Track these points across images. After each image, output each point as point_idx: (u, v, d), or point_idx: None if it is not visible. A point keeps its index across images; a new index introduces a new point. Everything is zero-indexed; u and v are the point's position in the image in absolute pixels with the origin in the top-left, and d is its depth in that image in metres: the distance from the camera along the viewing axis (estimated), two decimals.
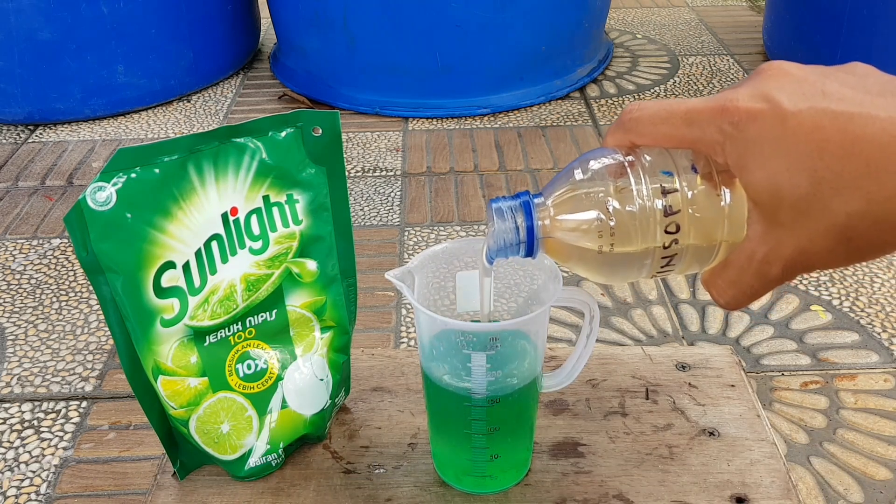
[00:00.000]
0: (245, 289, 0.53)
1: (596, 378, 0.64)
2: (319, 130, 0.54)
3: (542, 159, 1.91)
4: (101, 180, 0.48)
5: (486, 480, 0.55)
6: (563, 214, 0.44)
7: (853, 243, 0.37)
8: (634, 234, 0.43)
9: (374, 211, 1.74)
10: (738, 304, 0.43)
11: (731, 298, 0.42)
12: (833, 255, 0.38)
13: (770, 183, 0.38)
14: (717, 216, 0.43)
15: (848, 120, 0.35)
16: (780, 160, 0.37)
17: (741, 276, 0.41)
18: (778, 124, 0.37)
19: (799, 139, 0.36)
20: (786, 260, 0.39)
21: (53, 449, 1.18)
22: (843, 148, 0.35)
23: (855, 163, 0.35)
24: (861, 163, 0.35)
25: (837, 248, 0.38)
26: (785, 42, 2.22)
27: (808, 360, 1.31)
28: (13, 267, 1.60)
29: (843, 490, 1.09)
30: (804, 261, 0.39)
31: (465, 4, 2.01)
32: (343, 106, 2.17)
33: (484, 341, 0.49)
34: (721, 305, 0.43)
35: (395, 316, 1.43)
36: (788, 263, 0.39)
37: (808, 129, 0.36)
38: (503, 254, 0.46)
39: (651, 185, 0.42)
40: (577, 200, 0.44)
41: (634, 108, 0.42)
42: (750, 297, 0.42)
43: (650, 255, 0.43)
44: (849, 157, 0.35)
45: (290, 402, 0.57)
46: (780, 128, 0.37)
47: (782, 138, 0.37)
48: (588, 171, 0.44)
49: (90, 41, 2.07)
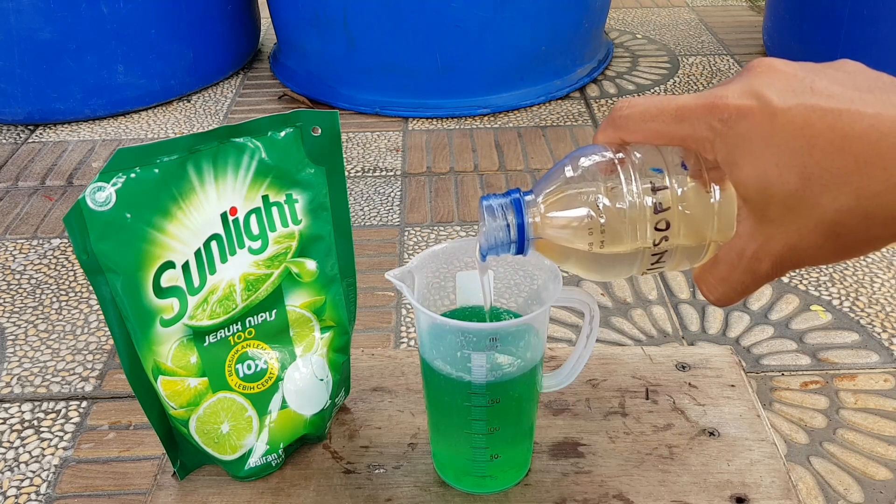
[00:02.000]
0: (244, 288, 0.53)
1: (596, 378, 0.64)
2: (319, 130, 0.54)
3: (542, 159, 1.91)
4: (101, 180, 0.48)
5: (486, 480, 0.55)
6: (554, 212, 0.44)
7: (842, 239, 0.37)
8: (624, 232, 0.43)
9: (374, 211, 1.74)
10: (729, 301, 0.43)
11: (722, 295, 0.42)
12: (822, 250, 0.38)
13: (759, 179, 0.38)
14: (706, 214, 0.43)
15: (837, 116, 0.35)
16: (770, 156, 0.37)
17: (731, 273, 0.41)
18: (767, 121, 0.37)
19: (788, 136, 0.36)
20: (775, 256, 0.39)
21: (53, 449, 1.18)
22: (832, 144, 0.35)
23: (844, 159, 0.35)
24: (850, 159, 0.35)
25: (826, 243, 0.38)
26: (785, 42, 2.22)
27: (808, 360, 1.31)
28: (13, 267, 1.60)
29: (843, 490, 1.09)
30: (794, 257, 0.39)
31: (464, 4, 2.01)
32: (343, 106, 2.17)
33: (484, 341, 0.49)
34: (712, 302, 0.43)
35: (395, 316, 1.43)
36: (778, 259, 0.39)
37: (798, 125, 0.36)
38: (494, 251, 0.46)
39: (641, 182, 0.42)
40: (567, 199, 0.44)
41: (624, 105, 0.42)
42: (740, 294, 0.42)
43: (640, 252, 0.43)
44: (838, 154, 0.35)
45: (290, 403, 0.57)
46: (770, 124, 0.37)
47: (772, 135, 0.37)
48: (578, 168, 0.44)
49: (90, 41, 2.07)
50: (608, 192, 0.42)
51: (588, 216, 0.43)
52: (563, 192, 0.44)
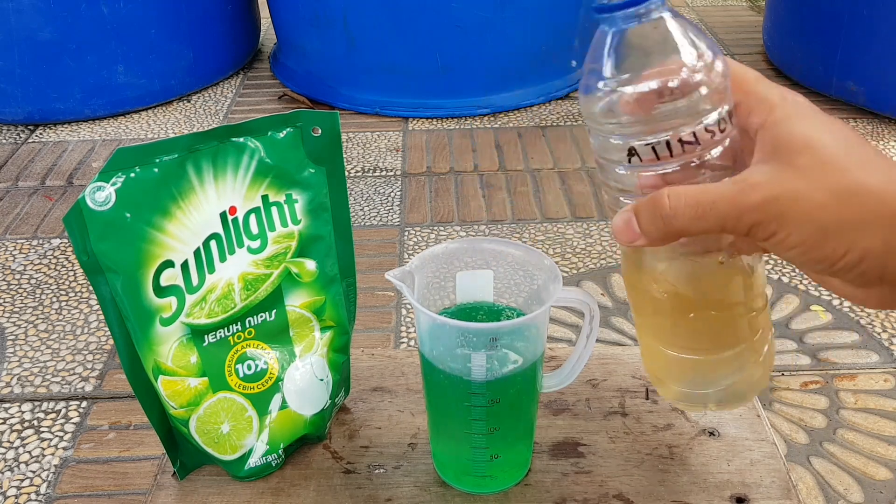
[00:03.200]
0: (243, 287, 0.53)
1: (596, 378, 0.64)
2: (319, 130, 0.54)
3: (542, 159, 1.91)
4: (101, 180, 0.48)
5: (486, 480, 0.55)
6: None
7: (848, 209, 0.38)
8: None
9: (374, 211, 1.74)
10: (663, 235, 0.42)
11: (680, 215, 0.41)
12: (820, 212, 0.39)
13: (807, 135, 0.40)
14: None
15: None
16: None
17: (707, 194, 0.41)
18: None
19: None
20: (771, 193, 0.39)
21: (53, 449, 1.18)
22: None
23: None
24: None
25: (828, 206, 0.38)
26: (785, 42, 2.22)
27: (808, 360, 1.31)
28: (13, 267, 1.60)
29: (843, 490, 1.09)
30: (784, 207, 0.39)
31: (465, 4, 2.01)
32: (343, 106, 2.17)
33: (484, 341, 0.49)
34: (659, 219, 0.42)
35: (395, 316, 1.43)
36: (770, 199, 0.39)
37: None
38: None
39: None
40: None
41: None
42: (698, 220, 0.41)
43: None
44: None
45: (290, 403, 0.57)
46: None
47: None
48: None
49: (90, 41, 2.07)
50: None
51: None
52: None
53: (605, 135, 0.43)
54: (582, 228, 1.65)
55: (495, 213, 1.72)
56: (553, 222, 1.68)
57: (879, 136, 1.95)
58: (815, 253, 0.39)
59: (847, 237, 0.38)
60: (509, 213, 1.71)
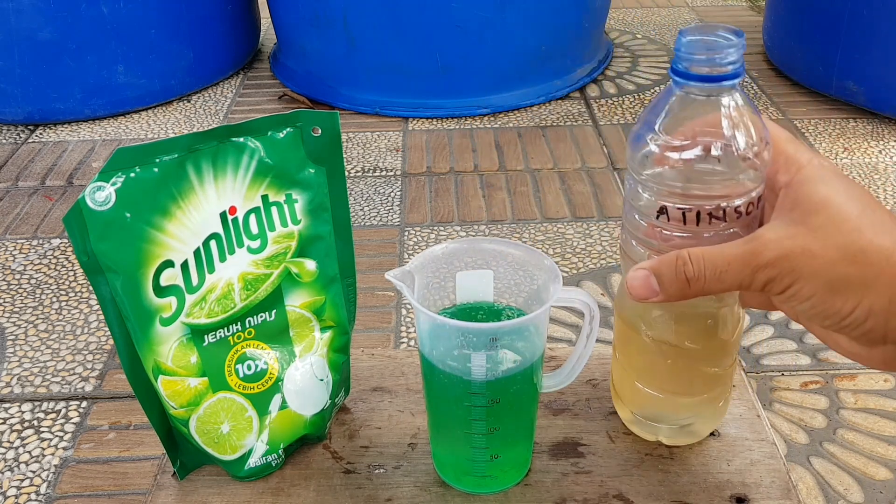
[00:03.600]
0: (243, 287, 0.53)
1: (596, 378, 0.64)
2: (319, 130, 0.54)
3: (542, 159, 1.91)
4: (100, 180, 0.48)
5: (486, 480, 0.55)
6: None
7: (856, 267, 0.40)
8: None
9: (374, 211, 1.74)
10: (701, 287, 0.44)
11: (702, 277, 0.43)
12: (830, 268, 0.40)
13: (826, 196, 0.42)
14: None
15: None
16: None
17: (724, 256, 0.42)
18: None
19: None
20: (784, 250, 0.41)
21: (53, 449, 1.18)
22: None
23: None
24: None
25: (838, 263, 0.40)
26: (785, 42, 2.22)
27: (808, 360, 1.31)
28: (13, 267, 1.60)
29: (843, 490, 1.09)
30: (796, 263, 0.41)
31: (465, 4, 2.01)
32: (343, 106, 2.17)
33: (484, 341, 0.49)
34: (683, 281, 0.44)
35: (395, 316, 1.43)
36: (783, 256, 0.41)
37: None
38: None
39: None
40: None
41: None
42: (718, 282, 0.43)
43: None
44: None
45: (290, 403, 0.57)
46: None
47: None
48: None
49: (90, 41, 2.07)
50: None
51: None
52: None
53: (642, 186, 0.46)
54: (582, 228, 1.65)
55: (495, 213, 1.72)
56: (553, 222, 1.68)
57: (879, 136, 1.95)
58: (825, 307, 0.41)
59: (855, 294, 0.40)
60: (509, 214, 1.71)
